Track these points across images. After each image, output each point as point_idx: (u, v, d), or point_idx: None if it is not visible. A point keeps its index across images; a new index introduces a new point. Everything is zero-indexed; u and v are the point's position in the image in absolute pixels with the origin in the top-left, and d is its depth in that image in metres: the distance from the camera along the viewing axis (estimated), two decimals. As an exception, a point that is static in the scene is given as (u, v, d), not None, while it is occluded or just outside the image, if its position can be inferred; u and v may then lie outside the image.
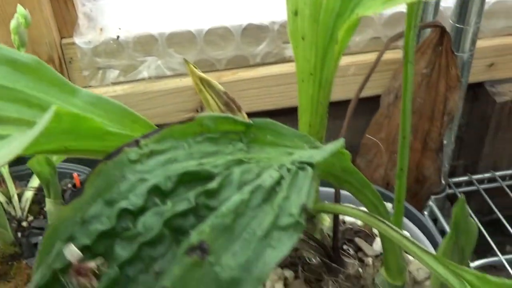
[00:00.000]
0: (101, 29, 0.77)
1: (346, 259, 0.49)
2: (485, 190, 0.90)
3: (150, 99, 0.81)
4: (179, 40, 0.78)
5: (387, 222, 0.34)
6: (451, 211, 0.98)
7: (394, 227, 0.33)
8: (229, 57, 0.80)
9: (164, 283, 0.23)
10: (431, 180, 0.59)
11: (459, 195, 0.89)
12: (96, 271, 0.23)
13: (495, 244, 0.97)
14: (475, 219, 0.84)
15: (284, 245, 0.23)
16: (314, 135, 0.43)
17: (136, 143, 0.29)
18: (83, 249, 0.24)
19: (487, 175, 0.91)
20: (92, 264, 0.23)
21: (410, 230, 0.55)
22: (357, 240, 0.53)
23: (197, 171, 0.27)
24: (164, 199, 0.26)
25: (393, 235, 0.33)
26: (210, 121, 0.31)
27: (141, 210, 0.25)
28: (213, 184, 0.26)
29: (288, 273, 0.53)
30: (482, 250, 0.96)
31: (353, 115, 0.69)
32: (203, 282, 0.23)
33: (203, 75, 0.47)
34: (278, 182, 0.26)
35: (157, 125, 0.90)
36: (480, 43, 0.83)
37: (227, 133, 0.32)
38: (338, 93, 0.81)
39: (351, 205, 0.43)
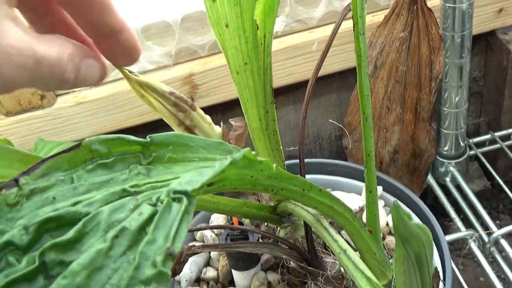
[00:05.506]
0: (73, 31, 0.73)
1: (327, 259, 0.44)
2: (510, 147, 0.83)
3: (137, 96, 0.77)
4: (155, 31, 0.73)
5: (329, 229, 0.29)
6: (479, 173, 0.91)
7: (335, 235, 0.28)
8: (211, 42, 0.75)
9: None
10: (428, 152, 0.53)
11: (480, 156, 0.82)
12: None
13: (528, 203, 0.90)
14: (499, 179, 0.77)
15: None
16: (265, 129, 0.38)
17: (15, 182, 0.25)
18: None
19: (511, 130, 0.83)
20: None
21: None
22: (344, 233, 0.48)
23: (60, 216, 0.22)
24: (22, 256, 0.22)
25: (333, 247, 0.28)
26: (100, 145, 0.27)
27: (-10, 274, 0.21)
28: (70, 233, 0.21)
29: (272, 277, 0.48)
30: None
31: (338, 92, 0.63)
32: None
33: (140, 78, 0.43)
34: (149, 221, 0.22)
35: (151, 122, 0.86)
36: (484, -12, 0.75)
37: (123, 156, 0.27)
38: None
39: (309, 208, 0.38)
